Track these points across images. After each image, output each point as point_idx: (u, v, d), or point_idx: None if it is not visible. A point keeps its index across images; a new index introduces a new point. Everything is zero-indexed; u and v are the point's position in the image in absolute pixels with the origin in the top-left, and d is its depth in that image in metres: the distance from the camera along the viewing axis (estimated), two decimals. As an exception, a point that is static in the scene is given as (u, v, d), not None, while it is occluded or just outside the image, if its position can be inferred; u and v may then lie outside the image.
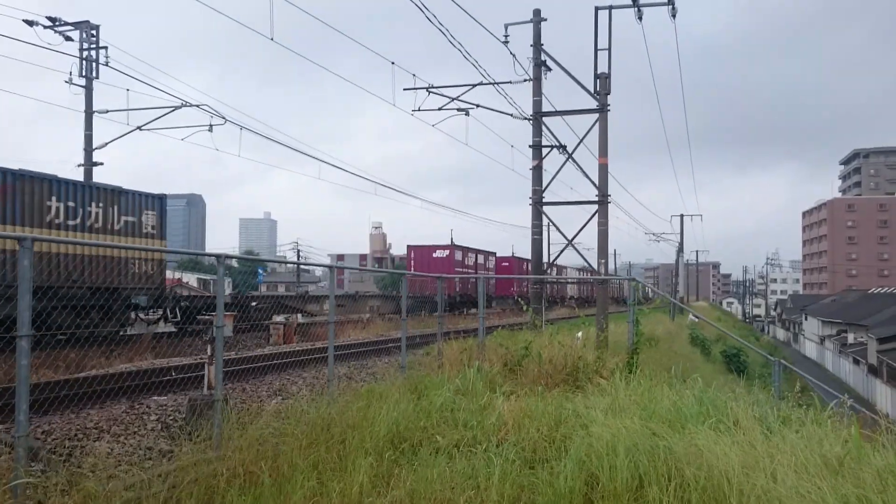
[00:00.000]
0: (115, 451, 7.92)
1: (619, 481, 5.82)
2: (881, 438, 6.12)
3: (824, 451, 5.60)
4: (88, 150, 24.39)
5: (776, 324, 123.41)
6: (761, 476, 5.16)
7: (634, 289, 13.53)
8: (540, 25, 20.52)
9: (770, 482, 5.07)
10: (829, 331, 74.74)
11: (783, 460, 5.46)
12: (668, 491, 5.46)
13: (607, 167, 19.77)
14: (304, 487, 6.04)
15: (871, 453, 5.50)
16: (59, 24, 24.04)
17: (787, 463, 5.41)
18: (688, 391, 8.40)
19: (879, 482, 4.99)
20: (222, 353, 7.42)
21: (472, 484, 6.05)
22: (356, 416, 8.30)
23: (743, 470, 5.43)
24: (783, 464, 5.40)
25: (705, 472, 5.51)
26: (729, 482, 5.22)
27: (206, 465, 6.55)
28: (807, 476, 5.07)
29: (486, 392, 10.06)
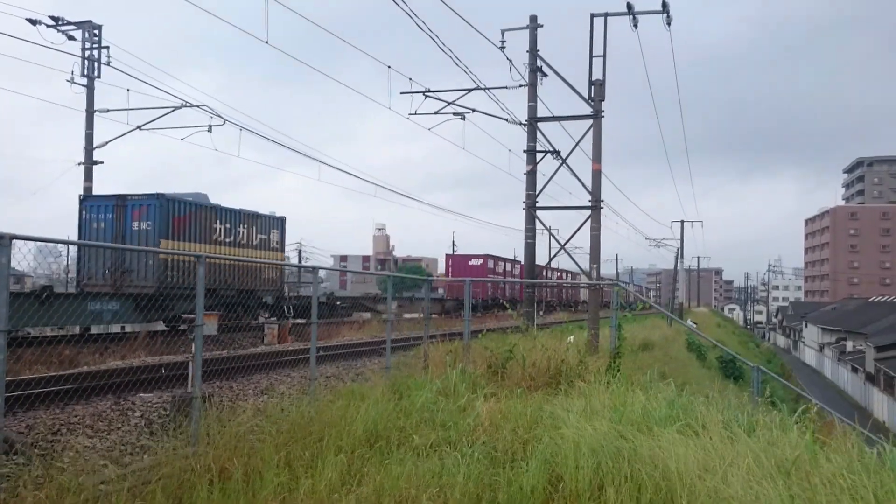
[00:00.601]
0: (96, 446, 8.08)
1: (580, 481, 5.97)
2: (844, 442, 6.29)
3: (778, 455, 5.75)
4: (89, 149, 24.63)
5: (777, 331, 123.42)
6: (713, 478, 5.31)
7: (618, 294, 13.66)
8: (536, 32, 20.69)
9: (720, 484, 5.22)
10: (828, 338, 74.79)
11: (739, 463, 5.62)
12: (623, 492, 5.61)
13: (600, 173, 19.93)
14: (274, 483, 6.20)
15: (824, 457, 5.64)
16: (61, 24, 24.28)
17: (742, 466, 5.56)
18: (660, 395, 8.54)
19: (829, 484, 5.14)
20: (201, 351, 7.57)
21: (437, 482, 6.20)
22: (335, 415, 8.46)
23: (698, 472, 5.58)
24: (738, 466, 5.55)
25: (660, 473, 5.66)
26: (682, 483, 5.36)
27: (181, 461, 6.71)
28: (756, 479, 5.21)
29: (467, 393, 10.22)
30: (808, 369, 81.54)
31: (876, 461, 5.52)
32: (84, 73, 24.28)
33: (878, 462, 5.49)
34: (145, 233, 22.90)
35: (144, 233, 22.91)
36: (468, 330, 13.27)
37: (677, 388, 14.29)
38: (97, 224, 23.36)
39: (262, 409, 9.06)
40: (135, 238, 22.76)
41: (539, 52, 20.69)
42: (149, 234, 22.85)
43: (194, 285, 8.02)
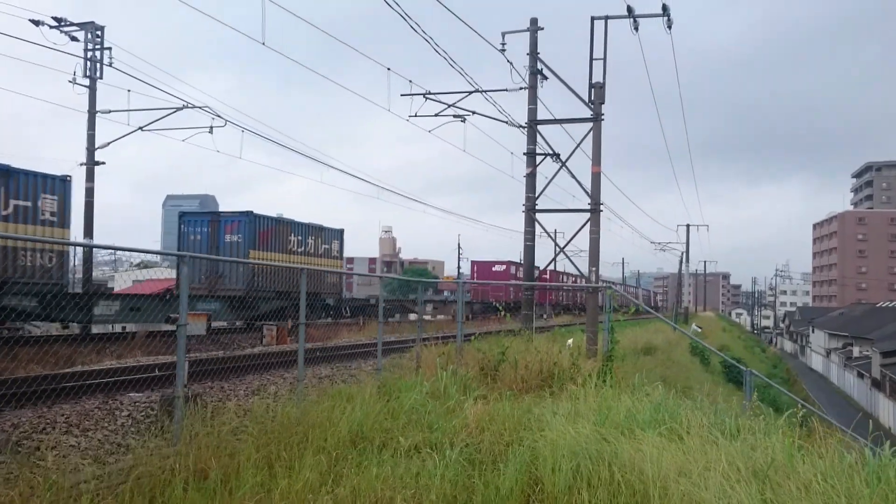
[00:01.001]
0: (80, 444, 8.08)
1: (556, 484, 5.95)
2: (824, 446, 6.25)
3: (756, 459, 5.71)
4: (91, 150, 24.69)
5: (784, 336, 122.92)
6: (686, 481, 5.28)
7: (611, 297, 13.60)
8: (536, 34, 20.67)
9: (693, 487, 5.18)
10: (835, 344, 74.44)
11: (715, 467, 5.58)
12: (597, 494, 5.58)
13: (600, 176, 19.87)
14: (250, 483, 6.19)
15: (802, 461, 5.59)
16: (64, 25, 24.37)
17: (719, 469, 5.52)
18: (646, 399, 8.50)
19: (803, 489, 5.10)
20: (184, 351, 7.56)
21: (415, 484, 6.18)
22: (320, 416, 8.45)
23: (673, 475, 5.55)
24: (714, 470, 5.51)
25: (636, 476, 5.63)
26: (655, 486, 5.33)
27: (160, 461, 6.71)
28: (730, 482, 5.17)
29: (457, 395, 10.20)
30: (814, 375, 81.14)
31: (854, 465, 5.46)
32: (86, 73, 24.38)
33: (857, 466, 5.43)
34: (236, 244, 26.77)
35: (236, 244, 26.78)
36: (461, 332, 13.24)
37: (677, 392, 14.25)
38: (194, 237, 27.18)
39: (247, 410, 9.08)
40: (227, 249, 26.53)
41: (539, 55, 20.67)
42: (239, 245, 26.71)
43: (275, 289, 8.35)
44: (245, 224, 26.86)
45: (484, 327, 22.45)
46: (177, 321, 7.78)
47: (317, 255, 30.87)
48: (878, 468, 5.38)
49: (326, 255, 31.63)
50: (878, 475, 5.26)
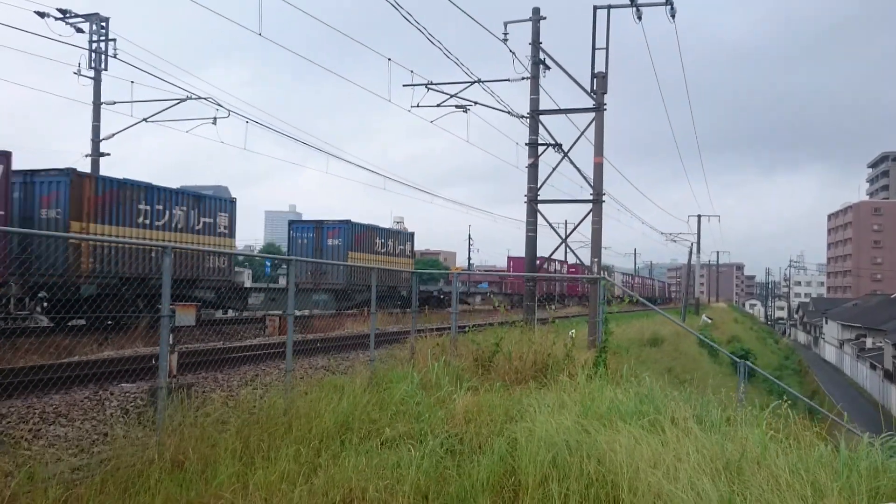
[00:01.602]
0: (67, 434, 8.13)
1: (529, 475, 5.93)
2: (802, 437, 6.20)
3: (730, 450, 5.67)
4: (96, 141, 24.80)
5: (798, 327, 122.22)
6: (655, 472, 5.25)
7: (605, 288, 13.52)
8: (539, 24, 20.56)
9: (662, 479, 5.15)
10: (848, 335, 73.88)
11: (688, 458, 5.54)
12: (569, 485, 5.56)
13: (602, 166, 19.77)
14: (228, 472, 6.20)
15: (776, 452, 5.54)
16: (69, 16, 24.45)
17: (690, 461, 5.49)
18: (631, 390, 8.46)
19: (772, 480, 5.06)
20: (167, 342, 7.58)
21: (392, 475, 6.17)
22: (306, 406, 8.46)
23: (645, 466, 5.52)
24: (686, 462, 5.47)
25: (606, 468, 5.61)
26: (625, 477, 5.31)
27: (141, 450, 6.74)
28: (700, 473, 5.14)
29: (448, 387, 10.19)
30: (827, 366, 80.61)
31: (825, 457, 5.42)
32: (91, 65, 24.46)
33: (830, 458, 5.39)
34: (337, 247, 32.20)
35: (337, 247, 32.19)
36: (455, 324, 13.22)
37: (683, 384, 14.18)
38: (301, 241, 32.77)
39: (236, 400, 9.11)
40: (329, 252, 31.92)
41: (541, 45, 20.56)
42: (340, 248, 32.22)
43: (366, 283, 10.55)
44: (344, 230, 32.53)
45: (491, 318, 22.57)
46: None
47: (394, 255, 36.72)
48: (851, 460, 5.33)
49: (401, 254, 37.85)
50: (850, 467, 5.22)
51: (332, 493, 5.83)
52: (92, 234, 19.49)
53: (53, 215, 19.54)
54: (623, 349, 23.35)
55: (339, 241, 32.28)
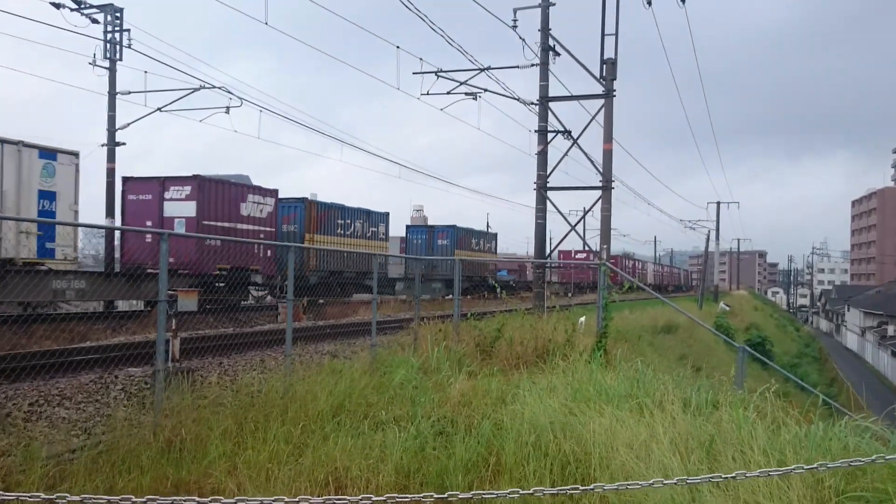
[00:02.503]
0: (70, 417, 8.36)
1: (509, 455, 6.07)
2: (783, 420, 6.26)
3: (704, 432, 5.76)
4: (111, 131, 25.11)
5: (820, 314, 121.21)
6: (628, 452, 5.37)
7: (605, 274, 13.58)
8: (548, 10, 20.52)
9: (634, 458, 5.26)
10: (870, 322, 73.20)
11: (663, 439, 5.64)
12: (544, 464, 5.69)
13: (612, 153, 19.78)
14: (219, 451, 6.38)
15: (749, 434, 5.61)
16: (84, 7, 24.71)
17: (665, 441, 5.59)
18: (623, 374, 8.55)
19: (740, 459, 5.15)
20: (164, 327, 7.77)
21: (375, 455, 6.32)
22: (303, 389, 8.63)
23: (621, 447, 5.63)
24: (661, 442, 5.57)
25: (583, 448, 5.73)
26: (598, 457, 5.44)
27: (139, 431, 6.94)
28: (669, 453, 5.24)
29: (446, 371, 10.33)
30: (849, 354, 79.96)
31: (800, 437, 5.49)
32: (106, 55, 24.73)
33: (801, 438, 5.46)
34: (446, 247, 39.65)
35: (445, 247, 39.67)
36: (458, 310, 13.35)
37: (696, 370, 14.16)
38: (416, 241, 40.50)
39: (235, 383, 9.30)
40: (439, 250, 39.44)
41: (551, 31, 20.54)
42: (447, 247, 39.49)
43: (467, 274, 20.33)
44: (452, 233, 40.35)
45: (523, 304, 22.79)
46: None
47: (483, 251, 44.39)
48: (823, 441, 5.40)
49: (489, 250, 45.93)
50: (822, 447, 5.29)
51: (317, 472, 5.99)
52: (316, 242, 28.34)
53: (293, 229, 28.50)
54: (634, 336, 23.41)
55: (447, 242, 39.98)
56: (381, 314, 24.82)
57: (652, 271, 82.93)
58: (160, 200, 22.63)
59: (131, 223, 22.48)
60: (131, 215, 22.90)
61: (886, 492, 4.35)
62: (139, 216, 22.69)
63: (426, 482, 5.92)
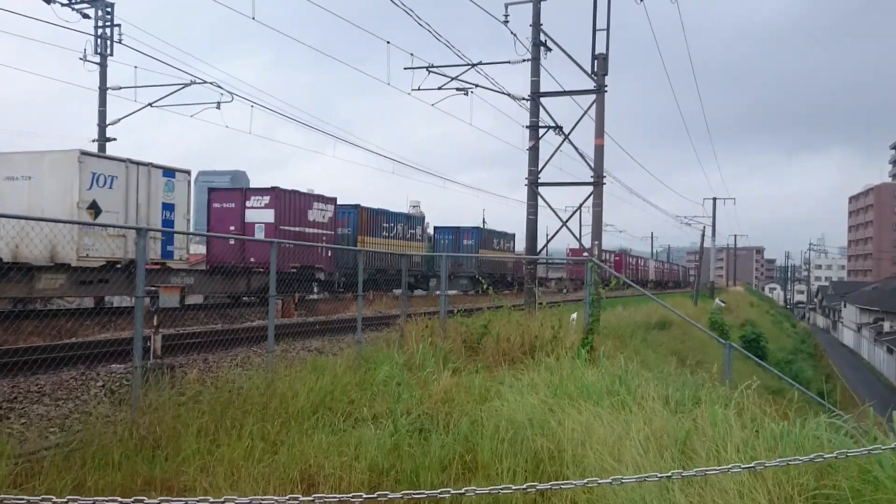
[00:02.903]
0: (49, 413, 8.31)
1: (484, 452, 6.03)
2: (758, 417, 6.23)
3: (680, 428, 5.72)
4: (102, 126, 25.03)
5: (817, 311, 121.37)
6: (601, 449, 5.33)
7: (592, 270, 13.54)
8: (539, 5, 20.45)
9: (607, 455, 5.23)
10: (866, 318, 73.34)
11: (637, 435, 5.60)
12: (518, 461, 5.65)
13: (603, 148, 19.73)
14: (192, 449, 6.34)
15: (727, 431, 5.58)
16: (75, 2, 24.62)
17: (639, 438, 5.55)
18: (605, 371, 8.51)
19: (713, 455, 5.12)
20: (142, 324, 7.73)
21: (350, 451, 6.28)
22: (284, 386, 8.58)
23: (596, 443, 5.59)
24: (635, 439, 5.53)
25: (556, 445, 5.70)
26: (571, 453, 5.40)
27: (114, 427, 6.90)
28: (643, 449, 5.21)
29: (430, 368, 10.29)
30: (845, 350, 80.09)
31: (775, 433, 5.45)
32: (97, 51, 24.63)
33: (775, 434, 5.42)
34: (471, 246, 43.14)
35: (470, 246, 43.16)
36: (444, 306, 13.31)
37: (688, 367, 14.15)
38: (443, 241, 43.89)
39: (216, 380, 9.27)
40: (464, 249, 42.64)
41: (542, 27, 20.47)
42: (472, 246, 43.12)
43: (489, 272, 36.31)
44: (476, 234, 44.56)
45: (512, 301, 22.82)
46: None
47: (503, 250, 48.22)
48: (798, 437, 5.37)
49: (508, 249, 49.52)
50: (796, 443, 5.25)
51: (290, 470, 5.94)
52: (366, 244, 32.44)
53: (347, 231, 32.34)
54: (628, 332, 23.35)
55: (472, 241, 43.78)
56: (374, 311, 24.82)
57: (653, 268, 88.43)
58: (242, 208, 26.25)
59: (216, 229, 25.77)
60: (216, 221, 26.24)
61: (854, 489, 4.31)
62: (223, 222, 26.05)
63: (400, 480, 5.88)
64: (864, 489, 4.31)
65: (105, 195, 19.18)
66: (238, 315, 22.39)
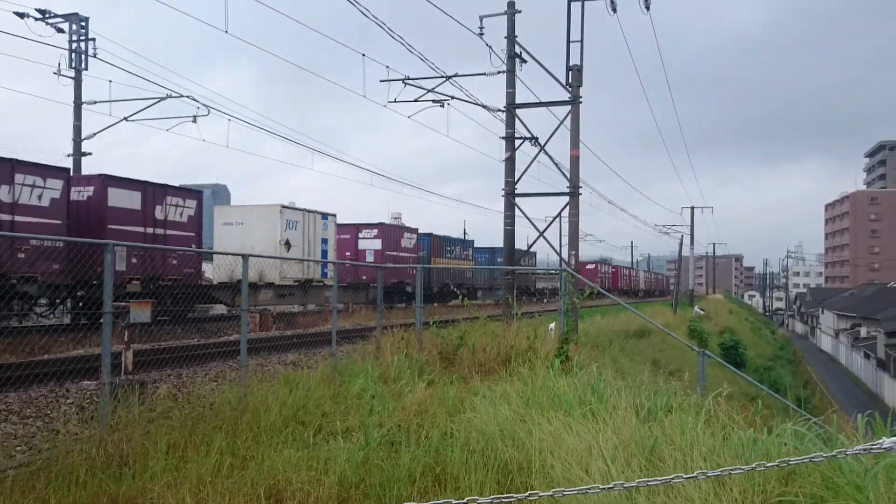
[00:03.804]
0: (17, 432, 8.19)
1: (453, 464, 6.01)
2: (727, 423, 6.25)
3: (649, 437, 5.73)
4: (77, 141, 24.83)
5: (795, 317, 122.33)
6: (571, 459, 5.33)
7: (566, 280, 13.58)
8: (514, 18, 20.56)
9: (575, 465, 5.23)
10: (843, 324, 74.00)
11: (606, 445, 5.61)
12: (486, 473, 5.64)
13: (578, 159, 19.83)
14: (160, 466, 6.27)
15: (695, 440, 5.59)
16: (49, 16, 24.46)
17: (608, 448, 5.55)
18: (577, 381, 8.51)
19: (681, 463, 5.13)
20: (110, 339, 7.65)
21: (319, 465, 6.23)
22: (256, 401, 8.52)
23: (565, 454, 5.59)
24: (604, 448, 5.54)
25: (524, 456, 5.69)
26: (539, 464, 5.40)
27: (83, 446, 6.80)
28: (611, 459, 5.21)
29: (405, 380, 10.25)
30: (823, 356, 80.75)
31: (743, 441, 5.47)
32: (71, 65, 24.46)
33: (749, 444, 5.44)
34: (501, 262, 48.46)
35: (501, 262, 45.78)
36: (420, 318, 13.29)
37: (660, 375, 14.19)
38: (481, 259, 49.16)
39: (188, 395, 9.19)
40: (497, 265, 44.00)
41: (517, 39, 20.58)
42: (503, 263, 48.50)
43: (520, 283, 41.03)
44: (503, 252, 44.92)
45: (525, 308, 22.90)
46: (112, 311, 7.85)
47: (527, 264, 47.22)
48: (767, 444, 5.39)
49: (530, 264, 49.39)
50: (762, 451, 5.28)
51: (258, 485, 5.89)
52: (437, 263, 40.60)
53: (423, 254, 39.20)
54: (606, 341, 23.42)
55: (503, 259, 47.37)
56: (363, 322, 24.73)
57: (643, 278, 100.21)
58: (356, 239, 34.80)
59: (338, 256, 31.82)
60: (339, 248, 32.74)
61: (817, 496, 4.33)
62: (341, 250, 33.11)
63: (369, 493, 5.84)
64: (827, 495, 4.34)
65: (293, 235, 26.50)
66: (215, 329, 22.25)
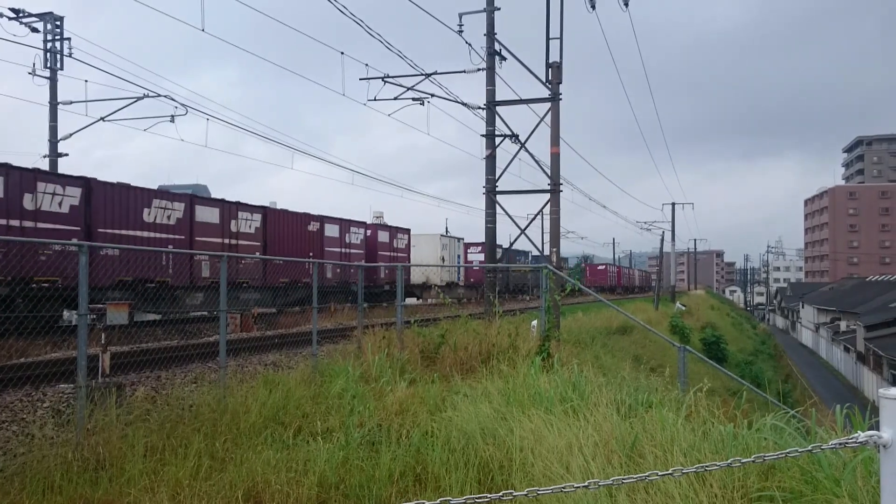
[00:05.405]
0: (-8, 436, 8.07)
1: (434, 463, 5.98)
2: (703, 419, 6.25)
3: (629, 434, 5.72)
4: (53, 142, 24.55)
5: (776, 312, 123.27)
6: (552, 457, 5.32)
7: (547, 276, 13.58)
8: (493, 15, 20.54)
9: (555, 462, 5.21)
10: (823, 318, 74.65)
11: (587, 442, 5.59)
12: (467, 472, 5.61)
13: (559, 156, 19.84)
14: (137, 469, 6.19)
15: (675, 435, 5.59)
16: (23, 16, 24.16)
17: (588, 445, 5.54)
18: (558, 378, 8.50)
19: (660, 459, 5.13)
20: (85, 342, 7.55)
21: (299, 467, 6.18)
22: (235, 402, 8.45)
23: (545, 451, 5.57)
24: (585, 446, 5.52)
25: (505, 454, 5.67)
26: (519, 462, 5.37)
27: (59, 450, 6.71)
28: (591, 456, 5.20)
29: (386, 379, 10.20)
30: (804, 350, 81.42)
31: (722, 436, 5.47)
32: (46, 65, 24.19)
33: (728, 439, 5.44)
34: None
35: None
36: (401, 316, 13.24)
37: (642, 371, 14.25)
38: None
39: (166, 397, 9.10)
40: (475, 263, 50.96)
41: (497, 36, 20.55)
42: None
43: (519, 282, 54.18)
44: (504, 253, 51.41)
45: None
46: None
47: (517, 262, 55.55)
48: (746, 439, 5.39)
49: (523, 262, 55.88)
50: (741, 446, 5.28)
51: (236, 487, 5.83)
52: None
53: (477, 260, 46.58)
54: (588, 338, 23.45)
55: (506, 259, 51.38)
56: (345, 322, 24.62)
57: (638, 276, 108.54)
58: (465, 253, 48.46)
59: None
60: None
61: (796, 490, 4.34)
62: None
63: (348, 494, 5.80)
64: (805, 490, 4.34)
65: (446, 253, 40.98)
66: (196, 330, 22.09)
